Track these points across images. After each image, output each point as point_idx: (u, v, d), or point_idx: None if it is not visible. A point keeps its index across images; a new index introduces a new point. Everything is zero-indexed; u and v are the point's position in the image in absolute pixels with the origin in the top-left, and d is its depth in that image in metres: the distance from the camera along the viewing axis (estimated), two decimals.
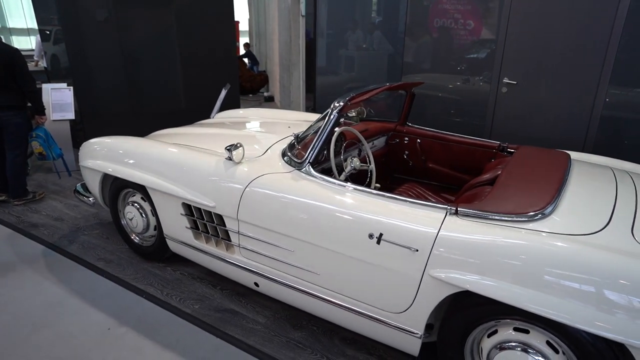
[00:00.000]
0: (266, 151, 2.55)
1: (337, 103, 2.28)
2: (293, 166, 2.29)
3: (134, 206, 2.89)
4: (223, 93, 4.51)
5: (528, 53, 3.73)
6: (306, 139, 2.41)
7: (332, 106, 2.28)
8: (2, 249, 3.19)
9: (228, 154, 2.33)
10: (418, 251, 1.77)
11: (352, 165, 2.37)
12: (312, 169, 2.20)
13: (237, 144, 2.35)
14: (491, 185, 2.20)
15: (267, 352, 2.24)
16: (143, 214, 2.87)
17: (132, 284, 2.79)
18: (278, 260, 2.23)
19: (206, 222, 2.50)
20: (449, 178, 3.17)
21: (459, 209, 1.80)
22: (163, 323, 2.45)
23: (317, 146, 2.23)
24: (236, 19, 9.80)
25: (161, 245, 2.86)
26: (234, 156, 2.33)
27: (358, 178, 2.71)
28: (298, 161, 2.27)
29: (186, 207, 2.56)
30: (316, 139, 2.25)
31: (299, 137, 2.49)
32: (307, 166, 2.21)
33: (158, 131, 3.38)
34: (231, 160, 2.35)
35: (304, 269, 2.14)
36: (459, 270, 1.69)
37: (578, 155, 2.73)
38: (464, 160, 3.05)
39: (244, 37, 12.24)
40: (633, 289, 1.42)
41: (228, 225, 2.38)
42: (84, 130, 5.25)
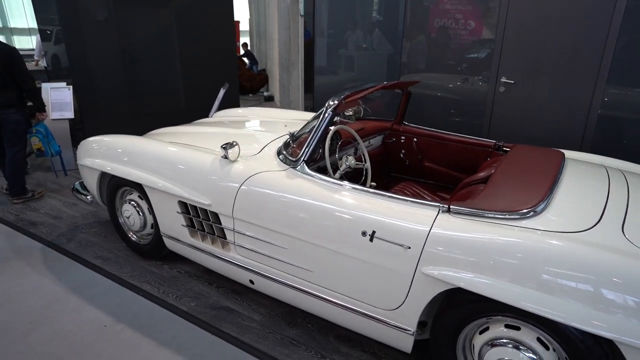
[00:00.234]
0: (262, 150, 2.56)
1: (332, 101, 2.29)
2: (288, 164, 2.30)
3: (131, 204, 2.90)
4: (221, 92, 4.52)
5: (526, 52, 3.73)
6: (301, 138, 2.42)
7: (327, 104, 2.29)
8: (1, 247, 3.21)
9: (224, 153, 2.35)
10: (410, 248, 1.78)
11: (347, 163, 2.37)
12: (307, 167, 2.21)
13: (233, 143, 2.36)
14: (485, 183, 2.21)
15: (262, 349, 2.25)
16: (140, 212, 2.89)
17: (129, 282, 2.80)
18: (273, 257, 2.24)
19: (202, 220, 2.52)
20: (445, 177, 3.18)
21: (452, 207, 1.81)
22: (159, 320, 2.46)
23: (312, 144, 2.24)
24: (236, 19, 9.82)
25: (158, 243, 2.87)
26: (230, 154, 2.34)
27: (354, 177, 2.72)
28: (293, 159, 2.28)
29: (182, 205, 2.58)
30: (311, 138, 2.26)
31: (294, 136, 2.51)
32: (302, 164, 2.23)
33: (156, 130, 3.39)
34: (227, 158, 2.36)
35: (298, 267, 2.16)
36: (451, 267, 1.70)
37: (573, 154, 2.73)
38: (460, 159, 3.06)
39: (244, 37, 12.26)
40: (622, 287, 1.43)
41: (223, 223, 2.40)
42: (84, 129, 5.27)
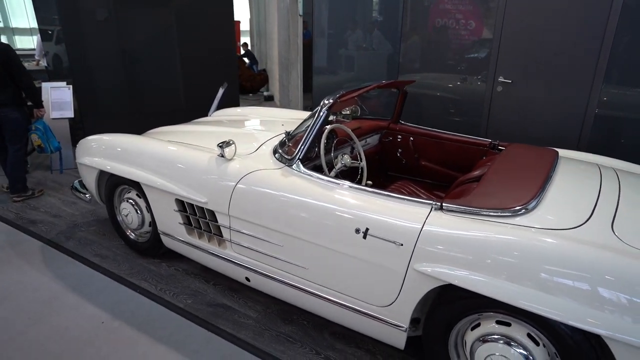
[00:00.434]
0: (258, 148, 2.58)
1: (327, 100, 2.31)
2: (283, 163, 2.32)
3: (129, 202, 2.93)
4: (220, 92, 4.55)
5: (523, 51, 3.75)
6: (297, 136, 2.45)
7: (322, 103, 2.31)
8: (1, 245, 3.24)
9: (220, 151, 2.37)
10: (403, 245, 1.80)
11: (343, 162, 2.39)
12: (302, 166, 2.23)
13: (230, 141, 2.38)
14: (479, 181, 2.23)
15: (258, 346, 2.27)
16: (138, 211, 2.91)
17: (127, 279, 2.83)
18: (268, 255, 2.26)
19: (199, 218, 2.54)
20: (442, 175, 3.19)
21: (444, 205, 1.82)
22: (156, 317, 2.49)
23: (307, 143, 2.27)
24: (237, 19, 9.85)
25: (156, 241, 2.90)
26: (226, 153, 2.36)
27: (350, 176, 2.74)
28: (288, 158, 2.30)
29: (179, 203, 2.60)
30: (306, 136, 2.28)
31: (290, 134, 2.53)
32: (297, 163, 2.25)
33: (154, 129, 3.42)
34: (223, 157, 2.39)
35: (293, 264, 2.18)
36: (443, 264, 1.72)
37: (569, 153, 2.74)
38: (456, 157, 3.08)
39: (245, 37, 12.28)
40: (611, 283, 1.45)
41: (220, 221, 2.42)
42: (84, 129, 5.29)
